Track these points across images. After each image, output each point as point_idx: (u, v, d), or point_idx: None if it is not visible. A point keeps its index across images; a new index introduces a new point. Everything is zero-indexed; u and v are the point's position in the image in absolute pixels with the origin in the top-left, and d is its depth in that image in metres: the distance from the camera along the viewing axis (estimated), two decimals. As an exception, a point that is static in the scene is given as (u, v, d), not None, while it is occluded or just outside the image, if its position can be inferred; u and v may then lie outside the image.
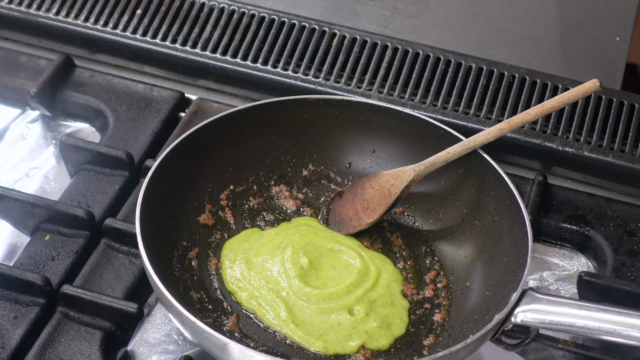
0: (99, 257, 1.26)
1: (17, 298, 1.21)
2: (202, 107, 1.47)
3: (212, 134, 1.27)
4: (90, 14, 1.55)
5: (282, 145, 1.34)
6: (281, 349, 1.15)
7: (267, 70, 1.50)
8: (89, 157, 1.36)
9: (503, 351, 1.18)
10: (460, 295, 1.22)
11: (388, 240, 1.29)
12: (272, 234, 1.26)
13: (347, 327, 1.16)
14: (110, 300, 1.19)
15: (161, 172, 1.21)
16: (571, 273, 1.33)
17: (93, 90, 1.48)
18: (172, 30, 1.54)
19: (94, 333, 1.18)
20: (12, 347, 1.16)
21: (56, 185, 1.39)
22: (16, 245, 1.32)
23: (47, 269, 1.25)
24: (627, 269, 1.30)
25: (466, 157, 1.26)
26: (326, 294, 1.18)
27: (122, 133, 1.42)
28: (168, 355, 1.20)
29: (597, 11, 1.67)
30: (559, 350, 1.22)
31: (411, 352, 1.16)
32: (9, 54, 1.54)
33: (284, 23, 1.54)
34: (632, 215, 1.36)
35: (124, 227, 1.26)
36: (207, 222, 1.27)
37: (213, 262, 1.24)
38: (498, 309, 1.11)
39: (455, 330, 1.18)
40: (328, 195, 1.33)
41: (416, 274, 1.25)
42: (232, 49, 1.52)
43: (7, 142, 1.45)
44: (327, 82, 1.48)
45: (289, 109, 1.31)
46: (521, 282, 1.10)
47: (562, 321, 1.08)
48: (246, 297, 1.19)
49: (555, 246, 1.36)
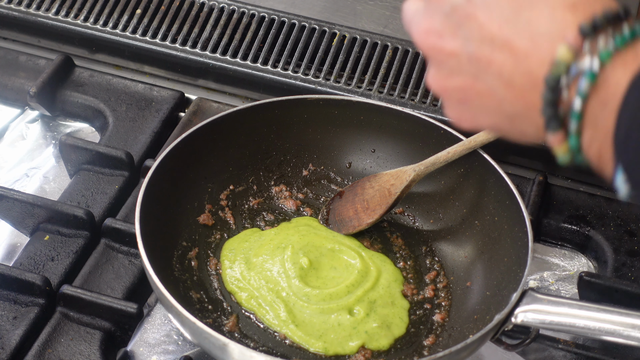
0: (98, 257, 1.26)
1: (16, 298, 1.21)
2: (202, 107, 1.47)
3: (212, 134, 1.27)
4: (89, 13, 1.55)
5: (282, 145, 1.34)
6: (281, 350, 1.15)
7: (267, 70, 1.50)
8: (89, 157, 1.36)
9: (503, 351, 1.17)
10: (460, 295, 1.22)
11: (388, 241, 1.29)
12: (272, 234, 1.26)
13: (347, 328, 1.16)
14: (110, 301, 1.19)
15: (161, 172, 1.21)
16: (572, 273, 1.33)
17: (93, 90, 1.48)
18: (172, 30, 1.54)
19: (93, 333, 1.18)
20: (12, 347, 1.16)
21: (56, 185, 1.39)
22: (15, 245, 1.32)
23: (47, 269, 1.25)
24: (627, 269, 1.30)
25: (466, 157, 1.26)
26: (326, 294, 1.18)
27: (122, 133, 1.42)
28: (168, 355, 1.20)
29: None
30: (559, 351, 1.22)
31: (411, 353, 1.16)
32: (9, 54, 1.54)
33: (283, 23, 1.54)
34: (632, 215, 1.36)
35: (123, 227, 1.26)
36: (206, 222, 1.27)
37: (213, 262, 1.24)
38: (498, 309, 1.11)
39: (455, 330, 1.17)
40: (328, 195, 1.33)
41: (416, 274, 1.25)
42: (232, 48, 1.52)
43: (6, 142, 1.45)
44: (327, 82, 1.48)
45: (289, 109, 1.31)
46: (521, 282, 1.10)
47: (563, 321, 1.08)
48: (246, 298, 1.19)
49: (556, 246, 1.36)
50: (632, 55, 0.75)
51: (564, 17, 0.77)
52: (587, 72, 0.75)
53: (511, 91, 0.81)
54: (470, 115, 0.87)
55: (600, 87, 0.76)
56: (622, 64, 0.75)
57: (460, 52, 0.82)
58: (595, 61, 0.75)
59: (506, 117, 0.83)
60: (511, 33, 0.79)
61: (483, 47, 0.80)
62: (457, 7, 0.82)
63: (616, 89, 0.75)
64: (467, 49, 0.81)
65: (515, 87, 0.80)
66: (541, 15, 0.78)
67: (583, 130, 0.78)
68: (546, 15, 0.78)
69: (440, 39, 0.83)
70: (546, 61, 0.77)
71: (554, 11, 0.78)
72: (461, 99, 0.85)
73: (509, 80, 0.80)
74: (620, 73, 0.75)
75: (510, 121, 0.83)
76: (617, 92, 0.75)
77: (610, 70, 0.75)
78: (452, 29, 0.82)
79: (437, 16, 0.83)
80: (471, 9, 0.81)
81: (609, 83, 0.75)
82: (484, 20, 0.80)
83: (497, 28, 0.79)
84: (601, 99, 0.76)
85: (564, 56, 0.76)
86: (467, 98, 0.85)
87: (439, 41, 0.83)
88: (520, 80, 0.79)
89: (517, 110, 0.81)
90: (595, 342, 1.22)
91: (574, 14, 0.77)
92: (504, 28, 0.79)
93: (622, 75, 0.75)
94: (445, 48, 0.83)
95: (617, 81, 0.75)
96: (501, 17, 0.80)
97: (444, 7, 0.83)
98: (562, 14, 0.77)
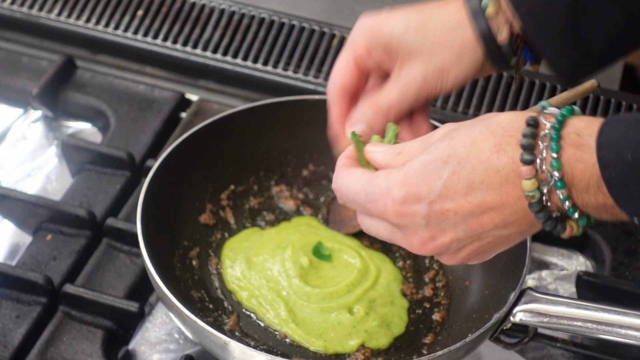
0: (100, 256, 1.27)
1: (19, 297, 1.21)
2: (203, 107, 1.47)
3: (212, 134, 1.28)
4: (91, 15, 1.56)
5: (282, 146, 1.34)
6: (281, 348, 1.15)
7: (267, 70, 1.50)
8: (91, 157, 1.36)
9: (502, 350, 1.18)
10: (459, 294, 1.22)
11: (388, 240, 1.29)
12: (272, 233, 1.26)
13: (347, 326, 1.16)
14: (112, 300, 1.19)
15: (162, 172, 1.21)
16: (570, 272, 1.33)
17: (94, 90, 1.49)
18: (173, 31, 1.54)
19: (95, 332, 1.19)
20: (15, 346, 1.17)
21: (58, 185, 1.40)
22: (18, 244, 1.32)
23: (49, 268, 1.25)
24: (625, 269, 1.30)
25: (465, 157, 1.26)
26: (326, 293, 1.18)
27: (124, 133, 1.43)
28: (169, 354, 1.20)
29: (596, 12, 1.67)
30: (557, 349, 1.23)
31: (411, 351, 1.16)
32: (11, 55, 1.54)
33: (284, 24, 1.54)
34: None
35: (125, 227, 1.27)
36: (207, 222, 1.28)
37: (214, 262, 1.24)
38: (497, 308, 1.11)
39: (454, 329, 1.18)
40: (328, 195, 1.34)
41: (415, 274, 1.25)
42: (232, 49, 1.52)
43: (9, 142, 1.46)
44: (327, 82, 1.48)
45: (289, 109, 1.32)
46: (520, 282, 1.11)
47: (561, 320, 1.08)
48: (246, 297, 1.19)
49: (554, 246, 1.36)
50: (571, 148, 0.85)
51: (501, 162, 0.87)
52: (555, 183, 0.85)
53: (512, 227, 0.90)
54: (486, 256, 0.97)
55: (571, 183, 0.85)
56: (570, 159, 0.85)
57: (458, 236, 0.91)
58: (555, 172, 0.85)
59: (519, 237, 0.93)
60: (479, 199, 0.88)
61: (470, 221, 0.90)
62: (429, 214, 0.90)
63: (584, 178, 0.85)
64: (460, 231, 0.91)
65: (512, 223, 0.90)
66: (485, 172, 0.88)
67: (584, 212, 0.87)
68: (489, 169, 0.87)
69: (437, 239, 0.92)
70: (521, 195, 0.87)
71: (490, 163, 0.87)
72: (477, 254, 0.95)
73: (505, 224, 0.90)
74: (577, 166, 0.85)
75: (522, 236, 0.93)
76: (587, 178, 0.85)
77: (569, 170, 0.85)
78: (439, 229, 0.91)
79: (419, 231, 0.92)
80: (438, 207, 0.90)
81: (575, 178, 0.85)
82: (454, 208, 0.89)
83: (468, 205, 0.89)
84: (582, 189, 0.86)
85: (531, 187, 0.86)
86: (481, 251, 0.95)
87: (437, 242, 0.93)
88: (512, 218, 0.89)
89: (524, 231, 0.91)
90: (593, 340, 1.23)
91: (505, 153, 0.87)
92: (472, 201, 0.88)
93: (579, 166, 0.85)
94: (445, 241, 0.92)
95: (581, 173, 0.85)
96: (463, 196, 0.89)
97: (418, 222, 0.91)
98: (497, 160, 0.87)
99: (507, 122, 0.88)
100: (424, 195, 0.90)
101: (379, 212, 0.93)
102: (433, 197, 0.90)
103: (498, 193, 0.88)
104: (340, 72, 1.09)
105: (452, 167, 0.89)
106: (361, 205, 0.95)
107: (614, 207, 0.85)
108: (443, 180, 0.89)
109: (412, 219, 0.91)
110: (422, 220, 0.91)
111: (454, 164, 0.89)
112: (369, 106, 1.07)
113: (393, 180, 0.92)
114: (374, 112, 1.06)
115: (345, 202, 0.98)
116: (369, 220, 0.97)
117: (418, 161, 0.91)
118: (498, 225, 0.90)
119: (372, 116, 1.06)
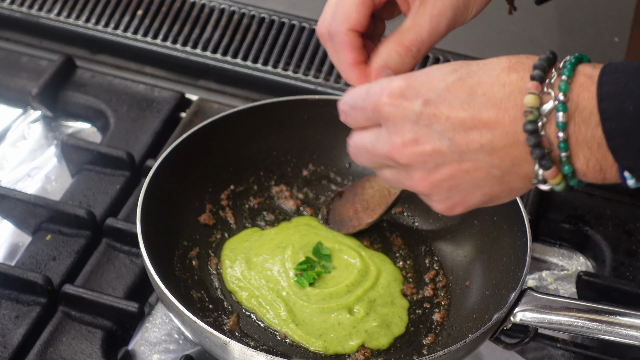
0: (100, 256, 1.27)
1: (18, 297, 1.21)
2: (203, 107, 1.47)
3: (212, 134, 1.28)
4: (91, 15, 1.56)
5: (282, 146, 1.34)
6: (281, 349, 1.15)
7: (267, 70, 1.50)
8: (90, 157, 1.36)
9: (502, 350, 1.18)
10: (459, 294, 1.22)
11: (388, 240, 1.29)
12: (272, 233, 1.26)
13: (347, 327, 1.16)
14: (111, 300, 1.19)
15: (162, 172, 1.21)
16: (570, 273, 1.33)
17: (94, 90, 1.49)
18: (173, 31, 1.54)
19: (95, 332, 1.19)
20: (14, 346, 1.17)
21: (57, 185, 1.40)
22: (17, 245, 1.32)
23: (49, 268, 1.25)
24: (625, 269, 1.30)
25: (465, 157, 1.26)
26: (326, 293, 1.18)
27: (123, 133, 1.43)
28: (169, 354, 1.20)
29: (596, 12, 1.68)
30: (557, 350, 1.23)
31: (411, 351, 1.16)
32: (11, 55, 1.54)
33: (284, 24, 1.54)
34: (630, 215, 1.36)
35: (125, 227, 1.27)
36: (207, 222, 1.28)
37: (213, 262, 1.24)
38: (497, 309, 1.11)
39: (454, 329, 1.18)
40: (328, 195, 1.34)
41: (416, 274, 1.25)
42: (232, 49, 1.52)
43: (8, 142, 1.46)
44: (327, 82, 1.48)
45: (289, 109, 1.32)
46: (520, 282, 1.11)
47: (561, 320, 1.08)
48: (246, 297, 1.19)
49: (554, 246, 1.36)
50: (583, 77, 0.84)
51: (509, 78, 0.86)
52: (558, 105, 0.84)
53: (496, 155, 0.88)
54: (461, 198, 0.93)
55: (574, 111, 0.84)
56: (579, 86, 0.84)
57: (440, 147, 0.89)
58: (560, 94, 0.84)
59: (496, 181, 0.89)
60: (476, 111, 0.87)
61: (458, 133, 0.87)
62: (421, 112, 0.88)
63: (588, 107, 0.83)
64: (445, 141, 0.88)
65: (498, 150, 0.87)
66: (491, 85, 0.86)
67: (573, 155, 0.85)
68: (495, 83, 0.86)
69: (419, 144, 0.89)
70: (517, 116, 0.85)
71: (498, 78, 0.86)
72: (451, 185, 0.91)
73: (491, 148, 0.87)
74: (585, 94, 0.84)
75: (500, 183, 0.89)
76: (591, 108, 0.83)
77: (575, 95, 0.84)
78: (425, 132, 0.89)
79: (406, 127, 0.89)
80: (433, 108, 0.88)
81: (579, 106, 0.84)
82: (448, 112, 0.87)
83: (462, 112, 0.87)
84: (581, 120, 0.84)
85: (532, 102, 0.84)
86: (457, 182, 0.91)
87: (418, 147, 0.90)
88: (501, 142, 0.87)
89: (505, 169, 0.88)
90: (594, 341, 1.23)
91: (517, 72, 0.86)
92: (468, 109, 0.87)
93: (587, 94, 0.83)
94: (426, 150, 0.89)
95: (586, 101, 0.83)
96: (460, 103, 0.87)
97: (409, 117, 0.89)
98: (507, 76, 0.86)
99: (526, 55, 0.88)
100: (423, 93, 0.88)
101: (374, 101, 0.90)
102: (431, 96, 0.88)
103: (496, 109, 0.86)
104: (346, 12, 0.97)
105: (459, 75, 0.88)
106: (359, 105, 0.92)
107: (606, 156, 0.83)
108: (447, 83, 0.88)
109: (404, 112, 0.89)
110: (413, 116, 0.89)
111: (463, 73, 0.88)
112: (394, 48, 0.98)
113: (396, 77, 0.90)
114: (401, 53, 0.98)
115: (347, 112, 0.94)
116: (357, 135, 0.94)
117: (427, 69, 0.90)
118: (484, 146, 0.87)
119: (399, 58, 0.98)
